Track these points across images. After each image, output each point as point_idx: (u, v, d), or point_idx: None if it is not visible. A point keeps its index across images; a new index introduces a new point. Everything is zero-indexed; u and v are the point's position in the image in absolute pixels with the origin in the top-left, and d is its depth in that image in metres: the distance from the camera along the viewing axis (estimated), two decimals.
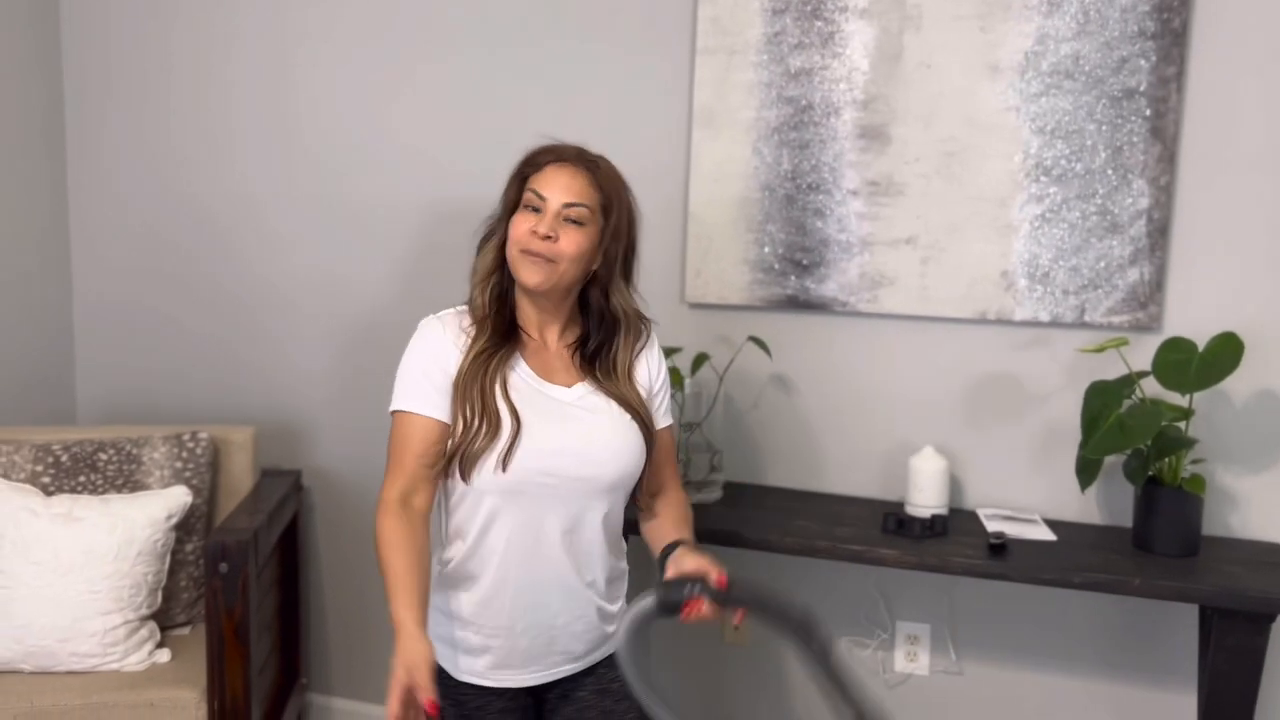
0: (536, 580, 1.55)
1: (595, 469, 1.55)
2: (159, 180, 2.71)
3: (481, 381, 1.52)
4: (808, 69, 2.24)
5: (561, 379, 1.60)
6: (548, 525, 1.54)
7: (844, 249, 2.26)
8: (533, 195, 1.56)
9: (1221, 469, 2.11)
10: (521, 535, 1.54)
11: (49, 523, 2.10)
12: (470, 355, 1.54)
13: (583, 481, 1.54)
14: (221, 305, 2.70)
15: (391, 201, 2.55)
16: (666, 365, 1.72)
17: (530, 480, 1.52)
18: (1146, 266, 2.10)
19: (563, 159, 1.58)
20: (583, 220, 1.55)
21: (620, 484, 1.59)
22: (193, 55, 2.65)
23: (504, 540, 1.54)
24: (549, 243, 1.53)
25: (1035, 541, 2.05)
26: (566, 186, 1.55)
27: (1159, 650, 2.19)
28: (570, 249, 1.54)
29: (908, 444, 2.26)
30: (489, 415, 1.51)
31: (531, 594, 1.55)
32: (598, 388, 1.61)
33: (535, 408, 1.54)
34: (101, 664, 2.07)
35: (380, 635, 2.67)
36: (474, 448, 1.50)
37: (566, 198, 1.54)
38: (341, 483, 2.67)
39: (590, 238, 1.56)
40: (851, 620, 2.37)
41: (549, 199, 1.54)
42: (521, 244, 1.54)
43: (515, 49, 2.43)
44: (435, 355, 1.55)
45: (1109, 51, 2.08)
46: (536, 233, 1.53)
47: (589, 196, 1.56)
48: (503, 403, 1.52)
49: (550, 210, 1.54)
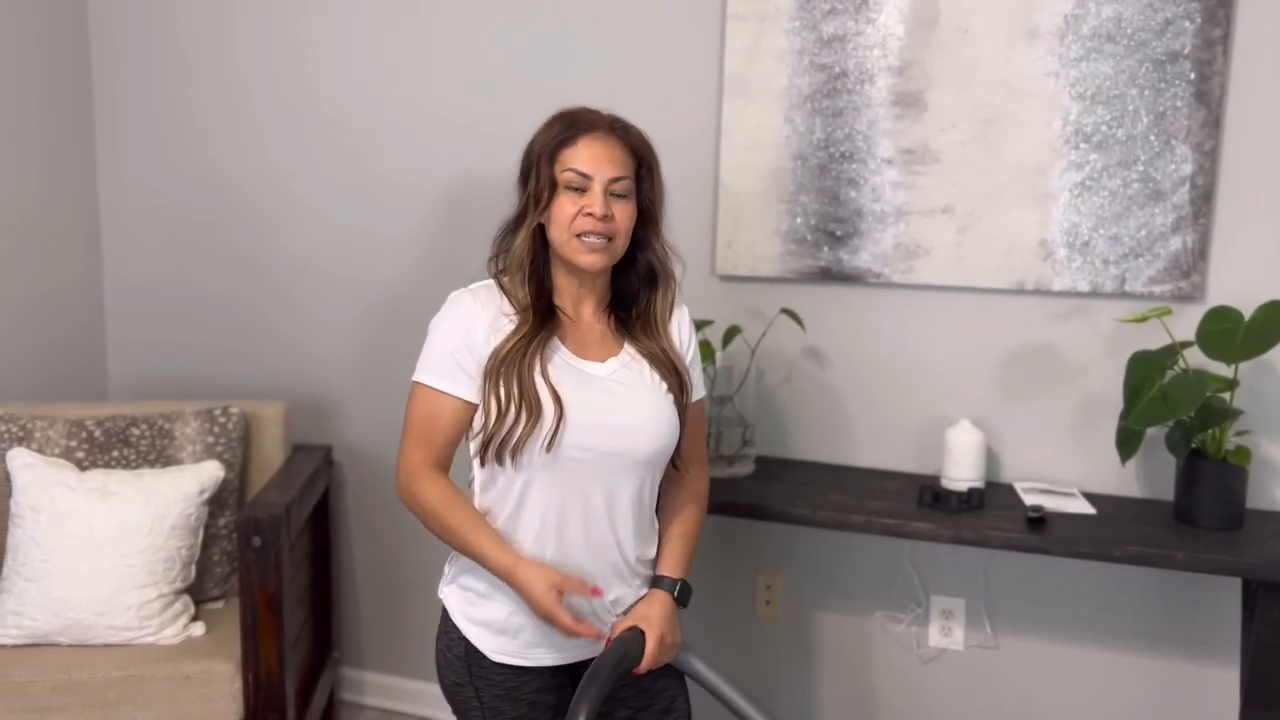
0: (573, 556, 1.53)
1: (632, 441, 1.53)
2: (186, 157, 2.71)
3: (520, 367, 1.48)
4: (841, 35, 2.20)
5: (596, 353, 1.57)
6: (584, 499, 1.52)
7: (878, 219, 2.22)
8: (574, 175, 1.50)
9: (1267, 441, 2.06)
10: (558, 511, 1.52)
11: (84, 497, 2.11)
12: (511, 342, 1.50)
13: (619, 455, 1.52)
14: (250, 280, 2.70)
15: (420, 172, 2.54)
16: (697, 338, 1.70)
17: (568, 455, 1.49)
18: (1189, 234, 2.05)
19: (595, 129, 1.52)
20: (627, 191, 1.53)
21: (657, 458, 1.57)
22: (215, 32, 2.63)
23: (539, 517, 1.52)
24: (606, 223, 1.50)
25: (1074, 515, 2.01)
26: (609, 160, 1.51)
27: (1200, 624, 2.16)
28: (625, 222, 1.52)
29: (943, 417, 2.23)
30: (530, 401, 1.47)
31: (568, 570, 1.52)
32: (633, 357, 1.58)
33: (574, 386, 1.51)
34: (137, 637, 2.08)
35: (412, 608, 2.68)
36: (516, 434, 1.47)
37: (612, 172, 1.51)
38: (372, 457, 2.67)
39: (634, 206, 1.54)
40: (885, 595, 2.34)
41: (594, 176, 1.50)
42: (576, 228, 1.50)
43: (543, 18, 2.40)
44: (467, 334, 1.52)
45: (1152, 14, 2.03)
46: (592, 214, 1.49)
47: (628, 167, 1.53)
48: (544, 387, 1.49)
49: (598, 188, 1.50)
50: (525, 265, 1.54)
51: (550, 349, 1.53)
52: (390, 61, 2.52)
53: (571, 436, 1.49)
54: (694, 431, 1.67)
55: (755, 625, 2.44)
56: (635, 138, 1.56)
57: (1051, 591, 2.24)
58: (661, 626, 1.53)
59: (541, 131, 1.56)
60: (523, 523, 1.53)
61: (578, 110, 1.56)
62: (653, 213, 1.58)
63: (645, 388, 1.57)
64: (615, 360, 1.58)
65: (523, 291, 1.54)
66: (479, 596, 1.56)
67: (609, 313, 1.62)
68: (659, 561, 1.63)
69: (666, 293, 1.62)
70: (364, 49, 2.54)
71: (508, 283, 1.56)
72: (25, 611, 2.06)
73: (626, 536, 1.56)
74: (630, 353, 1.59)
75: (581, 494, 1.52)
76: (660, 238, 1.60)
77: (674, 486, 1.67)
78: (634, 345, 1.59)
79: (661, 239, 1.61)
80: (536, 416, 1.47)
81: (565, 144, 1.52)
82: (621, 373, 1.57)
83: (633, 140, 1.55)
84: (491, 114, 2.46)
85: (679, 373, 1.59)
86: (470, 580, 1.57)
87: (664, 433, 1.56)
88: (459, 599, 1.59)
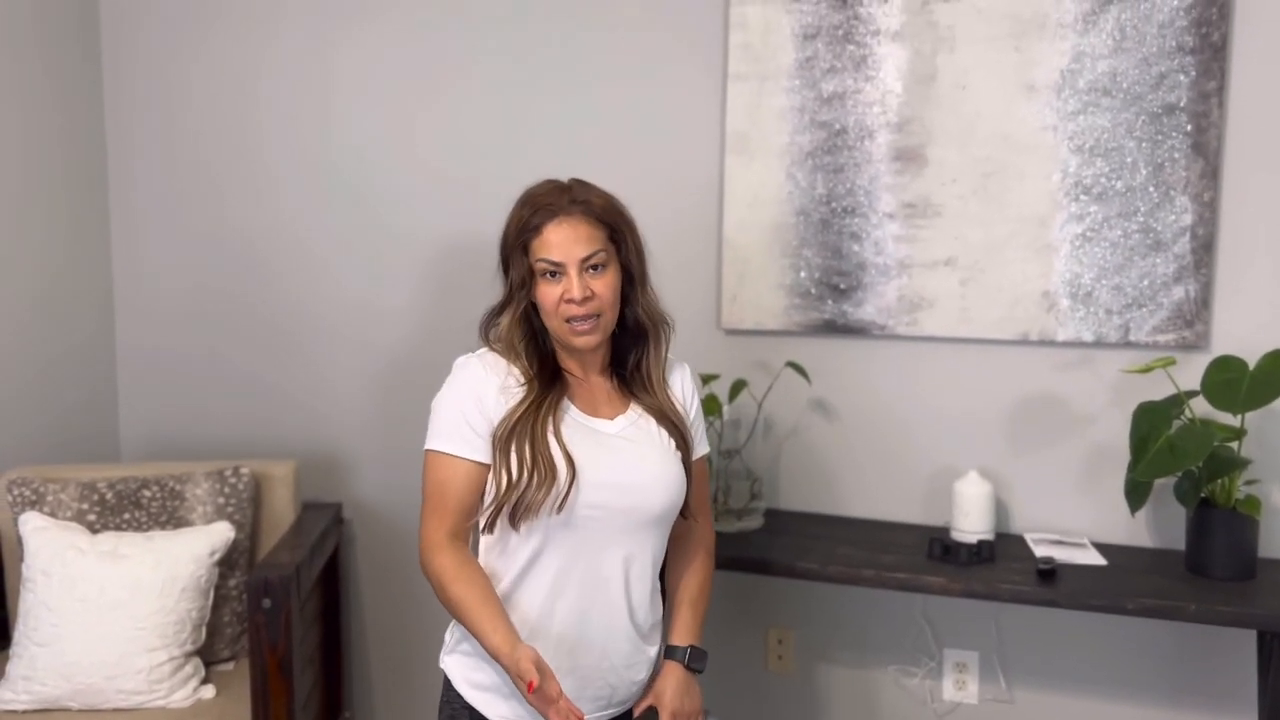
0: (582, 620, 1.51)
1: (642, 499, 1.53)
2: (198, 219, 2.74)
3: (533, 431, 1.49)
4: (840, 93, 2.23)
5: (606, 411, 1.58)
6: (593, 560, 1.51)
7: (881, 272, 2.24)
8: (545, 264, 1.50)
9: (1277, 490, 2.06)
10: (565, 572, 1.51)
11: (95, 560, 2.12)
12: (522, 408, 1.51)
13: (629, 513, 1.52)
14: (261, 339, 2.72)
15: (432, 234, 2.56)
16: (701, 394, 1.70)
17: (579, 515, 1.49)
18: (1192, 284, 2.07)
19: (557, 214, 1.50)
20: (603, 262, 1.52)
21: (666, 514, 1.57)
22: (231, 91, 2.68)
23: (548, 580, 1.51)
24: (589, 303, 1.50)
25: (1085, 566, 2.01)
26: (576, 240, 1.50)
27: (1216, 675, 2.14)
28: (608, 294, 1.52)
29: (951, 468, 2.23)
30: (542, 464, 1.47)
31: (577, 633, 1.52)
32: (640, 414, 1.59)
33: (585, 445, 1.52)
34: (148, 700, 2.08)
35: (423, 666, 2.67)
36: (527, 498, 1.47)
37: (583, 252, 1.50)
38: (382, 514, 2.68)
39: (615, 272, 1.54)
40: (898, 648, 2.33)
41: (564, 262, 1.50)
42: (561, 314, 1.51)
43: (549, 81, 2.44)
44: (478, 399, 1.52)
45: (1147, 68, 2.06)
46: (572, 300, 1.50)
47: (598, 239, 1.52)
48: (557, 449, 1.49)
49: (572, 272, 1.50)
50: (517, 344, 1.55)
51: (560, 409, 1.54)
52: (406, 123, 2.56)
53: (584, 496, 1.49)
54: (697, 488, 1.67)
55: (768, 679, 2.43)
56: (599, 207, 1.53)
57: (1065, 643, 2.22)
58: (675, 701, 1.54)
59: (510, 220, 1.56)
60: (530, 586, 1.52)
61: (538, 192, 1.54)
62: (635, 272, 1.58)
63: (653, 444, 1.57)
64: (624, 418, 1.59)
65: (523, 364, 1.55)
66: (484, 660, 1.53)
67: (611, 372, 1.63)
68: (670, 630, 1.62)
69: (659, 346, 1.62)
70: (380, 112, 2.58)
71: (510, 360, 1.56)
72: (36, 676, 2.06)
73: (637, 597, 1.55)
74: (637, 410, 1.60)
75: (591, 554, 1.51)
76: (646, 293, 1.60)
77: (680, 539, 1.67)
78: (638, 403, 1.60)
79: (648, 294, 1.60)
80: (551, 479, 1.47)
81: (533, 233, 1.52)
82: (630, 430, 1.58)
83: (597, 210, 1.53)
84: (500, 175, 2.48)
85: (680, 432, 1.60)
86: (472, 646, 1.54)
87: (673, 489, 1.57)
88: (460, 666, 1.57)
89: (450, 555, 1.49)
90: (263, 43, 2.64)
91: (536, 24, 2.43)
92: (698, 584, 1.66)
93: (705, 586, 1.67)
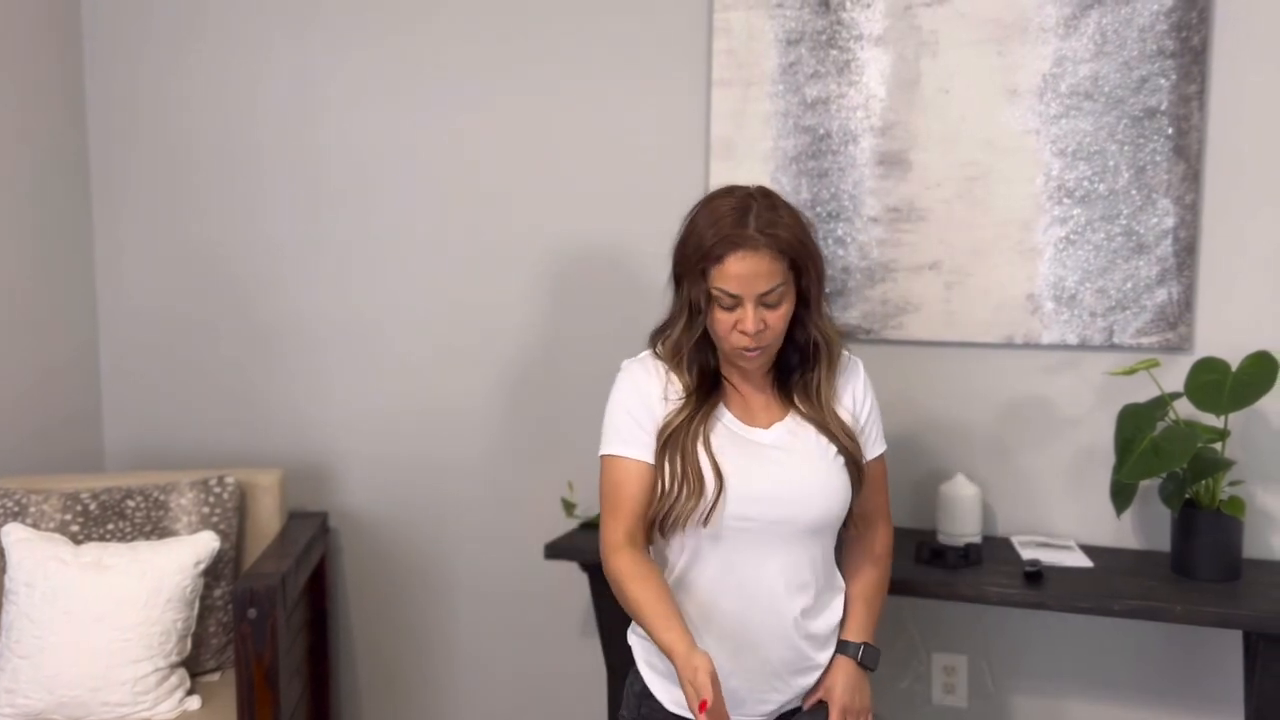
0: (742, 626, 1.52)
1: (793, 510, 1.53)
2: (181, 226, 2.73)
3: (684, 442, 1.50)
4: (824, 98, 2.24)
5: (762, 420, 1.58)
6: (750, 572, 1.52)
7: (866, 276, 2.25)
8: (723, 295, 1.47)
9: (1261, 490, 2.07)
10: (722, 582, 1.53)
11: (78, 572, 2.10)
12: (678, 418, 1.52)
13: (781, 524, 1.52)
14: (246, 348, 2.71)
15: (415, 241, 2.56)
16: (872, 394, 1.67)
17: (728, 526, 1.51)
18: (1175, 286, 2.08)
19: (741, 246, 1.45)
20: (780, 299, 1.50)
21: (823, 524, 1.56)
22: (214, 104, 2.67)
23: (704, 587, 1.53)
24: (760, 337, 1.49)
25: (1072, 569, 2.01)
26: (757, 275, 1.46)
27: (1202, 676, 2.14)
28: (778, 325, 1.51)
29: (938, 471, 2.23)
30: (692, 476, 1.49)
31: (738, 638, 1.52)
32: (799, 422, 1.58)
33: (736, 455, 1.53)
34: (132, 713, 2.06)
35: (410, 677, 2.66)
36: (675, 510, 1.49)
37: (762, 287, 1.47)
38: (368, 523, 2.66)
39: (790, 301, 1.51)
40: (886, 652, 2.31)
41: (743, 295, 1.47)
42: (731, 342, 1.51)
43: (533, 89, 2.44)
44: (645, 400, 1.55)
45: (1128, 71, 2.07)
46: (745, 331, 1.48)
47: (779, 273, 1.48)
48: (706, 461, 1.50)
49: (749, 306, 1.47)
50: (684, 357, 1.55)
51: (714, 417, 1.55)
52: (390, 134, 2.55)
53: (731, 508, 1.50)
54: (873, 489, 1.66)
55: None
56: (784, 241, 1.48)
57: (1053, 645, 2.23)
58: (845, 697, 1.55)
59: (689, 234, 1.51)
60: (687, 593, 1.53)
61: (723, 213, 1.48)
62: (812, 297, 1.55)
63: (810, 453, 1.56)
64: (781, 425, 1.58)
65: (687, 379, 1.56)
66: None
67: (773, 377, 1.62)
68: (843, 626, 1.62)
69: (831, 367, 1.60)
70: (364, 123, 2.57)
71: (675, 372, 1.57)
72: (19, 689, 2.04)
73: (797, 605, 1.55)
74: (795, 418, 1.59)
75: (745, 564, 1.52)
76: (822, 314, 1.58)
77: (851, 547, 1.68)
78: (798, 410, 1.59)
79: (823, 315, 1.58)
80: (699, 492, 1.49)
81: (714, 262, 1.47)
82: (786, 438, 1.57)
83: (782, 244, 1.48)
84: (486, 187, 2.48)
85: (849, 434, 1.59)
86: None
87: (831, 499, 1.56)
88: (641, 648, 1.62)
89: (627, 556, 1.49)
90: (247, 57, 2.63)
91: (520, 32, 2.43)
92: (870, 584, 1.66)
93: (878, 585, 1.68)
